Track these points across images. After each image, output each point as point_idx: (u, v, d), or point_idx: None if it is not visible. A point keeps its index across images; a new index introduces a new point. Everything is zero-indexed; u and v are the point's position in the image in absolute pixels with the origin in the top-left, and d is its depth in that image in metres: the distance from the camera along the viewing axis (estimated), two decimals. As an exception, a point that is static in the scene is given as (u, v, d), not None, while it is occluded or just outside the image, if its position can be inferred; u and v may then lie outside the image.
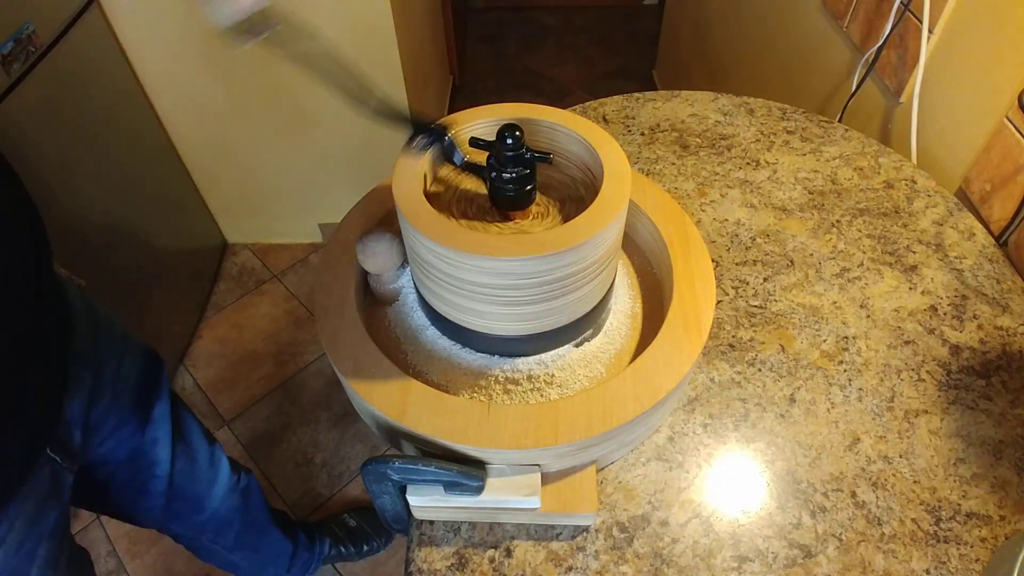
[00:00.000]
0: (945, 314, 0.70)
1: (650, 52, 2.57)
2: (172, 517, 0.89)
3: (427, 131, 0.54)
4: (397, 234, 0.57)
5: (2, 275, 0.52)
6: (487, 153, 0.52)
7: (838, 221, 0.79)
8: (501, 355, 0.57)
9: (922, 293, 0.72)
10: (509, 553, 0.54)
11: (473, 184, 0.57)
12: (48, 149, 1.16)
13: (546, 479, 0.53)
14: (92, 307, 0.73)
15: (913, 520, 0.55)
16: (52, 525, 0.62)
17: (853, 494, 0.56)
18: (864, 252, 0.76)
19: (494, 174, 0.51)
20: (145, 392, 0.78)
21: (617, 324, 0.61)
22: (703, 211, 0.81)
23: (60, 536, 0.64)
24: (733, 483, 0.57)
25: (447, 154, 0.55)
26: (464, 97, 2.45)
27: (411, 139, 0.54)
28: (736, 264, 0.75)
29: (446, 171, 0.58)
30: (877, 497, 0.56)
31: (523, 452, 0.50)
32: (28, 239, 0.57)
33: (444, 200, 0.55)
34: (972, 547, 0.53)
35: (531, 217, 0.55)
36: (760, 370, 0.65)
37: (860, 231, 0.78)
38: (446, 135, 0.54)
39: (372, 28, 1.39)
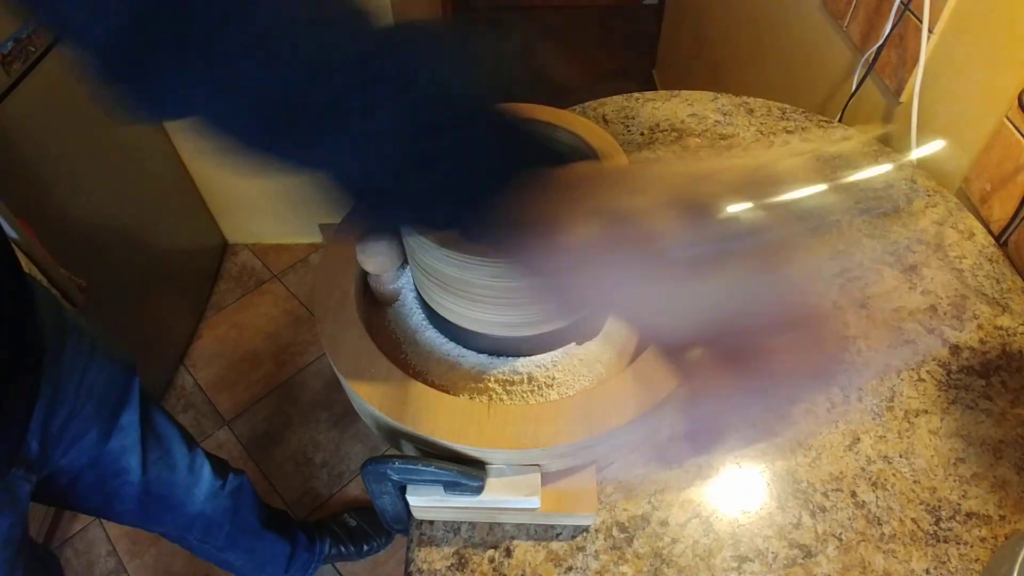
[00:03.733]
0: (945, 314, 0.70)
1: (650, 52, 2.57)
2: (150, 519, 0.89)
3: None
4: (397, 234, 0.57)
5: None
6: None
7: (838, 221, 0.79)
8: (501, 355, 0.57)
9: (922, 293, 0.72)
10: (509, 553, 0.54)
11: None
12: (48, 149, 1.16)
13: (546, 479, 0.53)
14: (61, 317, 0.71)
15: (913, 520, 0.55)
16: (6, 534, 0.61)
17: (853, 494, 0.56)
18: (864, 252, 0.76)
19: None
20: (111, 402, 0.76)
21: (617, 324, 0.61)
22: (703, 211, 0.80)
23: (16, 544, 0.64)
24: (733, 483, 0.57)
25: None
26: (464, 97, 2.45)
27: None
28: (736, 264, 0.75)
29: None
30: (877, 497, 0.56)
31: (523, 452, 0.50)
32: None
33: (444, 200, 0.55)
34: (972, 547, 0.53)
35: (531, 217, 0.55)
36: (760, 370, 0.65)
37: (860, 231, 0.78)
38: None
39: (372, 28, 1.39)
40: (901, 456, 0.59)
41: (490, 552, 0.54)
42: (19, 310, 0.59)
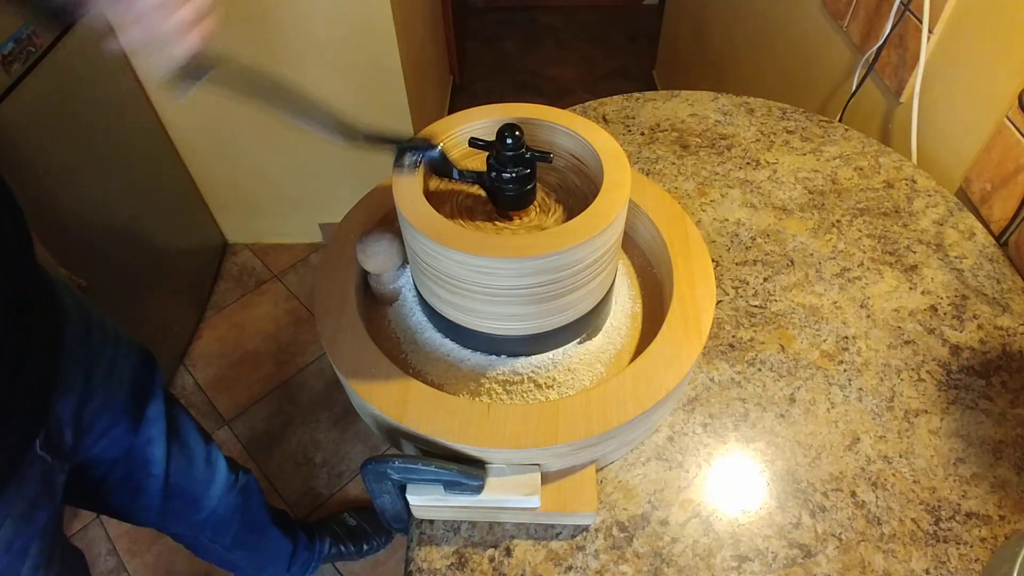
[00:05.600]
0: (945, 314, 0.70)
1: (650, 52, 2.57)
2: (169, 517, 0.89)
3: (412, 148, 0.51)
4: (397, 234, 0.57)
5: None
6: (486, 155, 0.52)
7: (838, 221, 0.79)
8: (501, 355, 0.57)
9: (922, 293, 0.72)
10: (509, 552, 0.54)
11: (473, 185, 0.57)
12: (48, 149, 1.16)
13: (546, 479, 0.53)
14: (83, 306, 0.72)
15: (913, 520, 0.55)
16: (43, 524, 0.62)
17: (853, 494, 0.56)
18: (864, 252, 0.76)
19: (494, 174, 0.51)
20: (138, 392, 0.78)
21: (617, 324, 0.61)
22: (703, 211, 0.81)
23: (52, 535, 0.64)
24: (733, 483, 0.57)
25: (441, 169, 0.53)
26: (464, 97, 2.45)
27: (397, 159, 0.51)
28: (736, 264, 0.75)
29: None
30: (877, 497, 0.56)
31: (523, 452, 0.50)
32: (11, 232, 0.57)
33: (444, 200, 0.55)
34: (972, 547, 0.53)
35: (531, 217, 0.55)
36: (760, 370, 0.65)
37: (860, 231, 0.78)
38: (435, 148, 0.52)
39: (372, 28, 1.39)
40: (901, 456, 0.59)
41: (490, 551, 0.54)
42: (33, 290, 0.60)
